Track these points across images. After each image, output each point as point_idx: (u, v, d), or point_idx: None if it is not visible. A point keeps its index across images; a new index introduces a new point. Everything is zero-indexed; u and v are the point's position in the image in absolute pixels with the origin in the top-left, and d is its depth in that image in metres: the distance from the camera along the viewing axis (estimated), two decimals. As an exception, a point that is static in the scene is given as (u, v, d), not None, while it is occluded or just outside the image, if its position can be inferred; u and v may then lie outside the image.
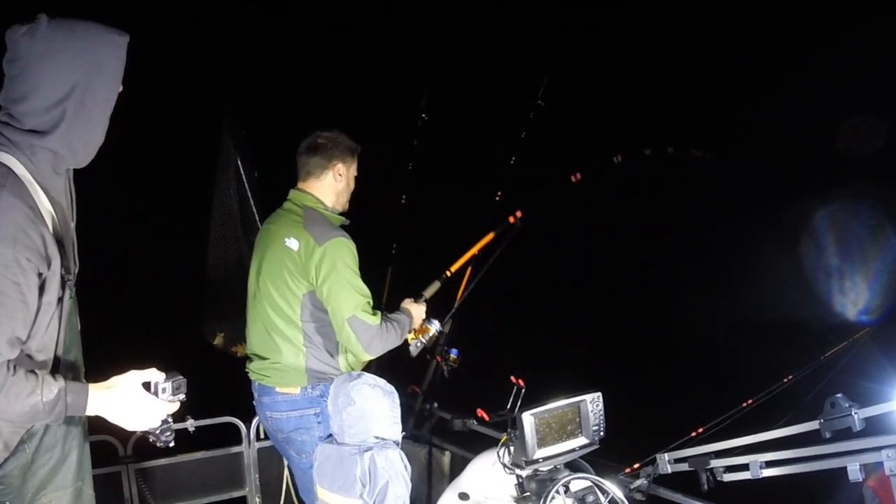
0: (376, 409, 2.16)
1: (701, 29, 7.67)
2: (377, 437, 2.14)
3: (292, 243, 2.52)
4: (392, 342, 2.56)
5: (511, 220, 3.15)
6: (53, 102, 1.56)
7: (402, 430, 2.25)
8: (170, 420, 1.70)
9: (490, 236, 3.11)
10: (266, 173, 3.90)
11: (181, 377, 1.69)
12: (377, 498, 2.05)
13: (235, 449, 3.41)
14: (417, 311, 2.74)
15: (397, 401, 2.24)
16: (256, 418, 3.32)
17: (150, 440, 1.72)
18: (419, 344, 2.78)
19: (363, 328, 2.44)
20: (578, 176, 3.21)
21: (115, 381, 1.64)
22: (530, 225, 3.04)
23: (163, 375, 1.66)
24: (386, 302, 3.51)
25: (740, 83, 7.88)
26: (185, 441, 3.26)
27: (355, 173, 2.74)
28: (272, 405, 2.62)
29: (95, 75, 1.59)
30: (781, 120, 7.37)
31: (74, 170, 1.75)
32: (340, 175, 2.66)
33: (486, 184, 3.85)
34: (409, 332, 2.69)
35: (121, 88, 1.66)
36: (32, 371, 1.53)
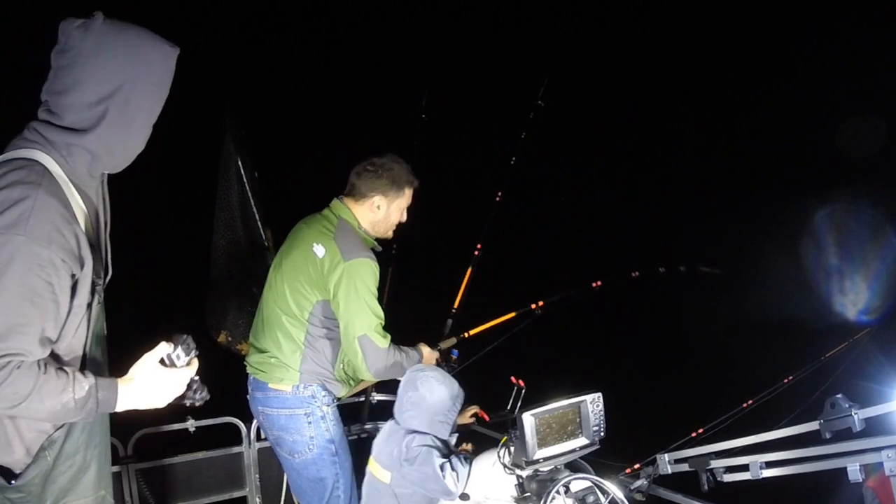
0: (433, 402, 2.31)
1: (701, 29, 7.67)
2: (423, 430, 2.29)
3: (319, 250, 2.53)
4: (396, 371, 2.55)
5: (533, 307, 3.45)
6: (96, 99, 1.54)
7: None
8: (196, 378, 1.70)
9: (511, 314, 3.42)
10: (266, 173, 3.90)
11: (185, 335, 1.69)
12: (407, 477, 2.24)
13: (236, 449, 3.41)
14: (430, 356, 2.77)
15: (458, 406, 2.39)
16: (256, 418, 3.33)
17: (188, 405, 1.72)
18: None
19: (372, 348, 2.47)
20: (598, 283, 3.62)
21: (134, 370, 1.63)
22: (549, 315, 3.45)
23: (171, 345, 1.65)
24: (385, 303, 3.52)
25: (741, 83, 7.89)
26: (186, 441, 3.27)
27: (405, 205, 2.71)
28: (264, 400, 2.63)
29: (142, 80, 1.57)
30: (781, 120, 7.37)
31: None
32: (378, 207, 2.64)
33: (487, 184, 3.86)
34: None
35: (165, 99, 1.63)
36: (62, 369, 1.52)
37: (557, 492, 1.95)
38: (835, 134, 6.86)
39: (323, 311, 2.55)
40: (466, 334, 3.27)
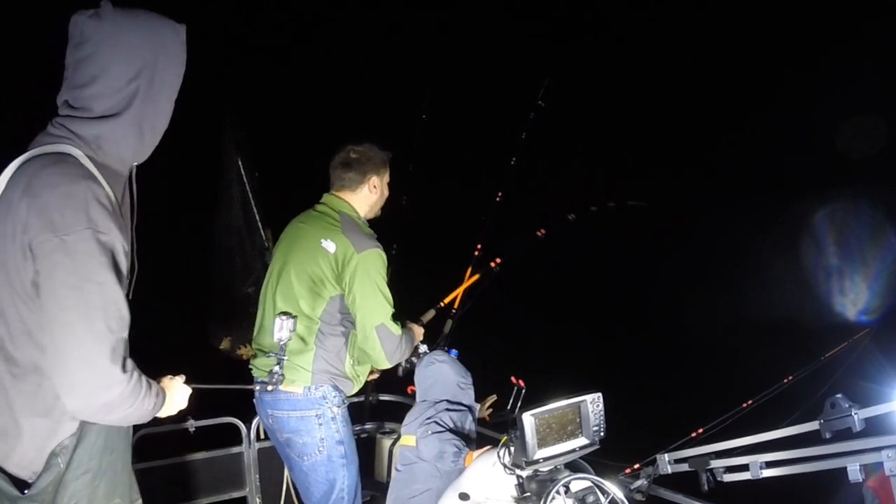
0: (445, 372, 2.83)
1: (702, 30, 7.67)
2: (453, 398, 2.77)
3: (329, 245, 2.54)
4: (405, 354, 2.68)
5: (492, 265, 3.62)
6: (126, 80, 1.55)
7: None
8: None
9: (476, 277, 3.62)
10: (267, 173, 3.90)
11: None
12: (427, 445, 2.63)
13: (236, 449, 3.41)
14: (418, 331, 2.89)
15: (470, 380, 2.88)
16: (256, 419, 3.32)
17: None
18: (407, 365, 2.94)
19: (389, 337, 2.53)
20: (543, 231, 3.77)
21: (166, 380, 1.72)
22: (507, 269, 3.63)
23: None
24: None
25: (740, 83, 7.89)
26: (186, 441, 3.26)
27: (388, 180, 2.81)
28: (274, 403, 2.61)
29: (161, 55, 1.58)
30: (781, 120, 7.37)
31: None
32: (375, 187, 2.72)
33: (487, 184, 3.86)
34: None
35: (182, 76, 1.66)
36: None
37: (557, 492, 1.95)
38: (835, 134, 6.86)
39: (339, 307, 2.55)
40: (442, 303, 3.46)
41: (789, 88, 7.30)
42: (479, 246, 3.64)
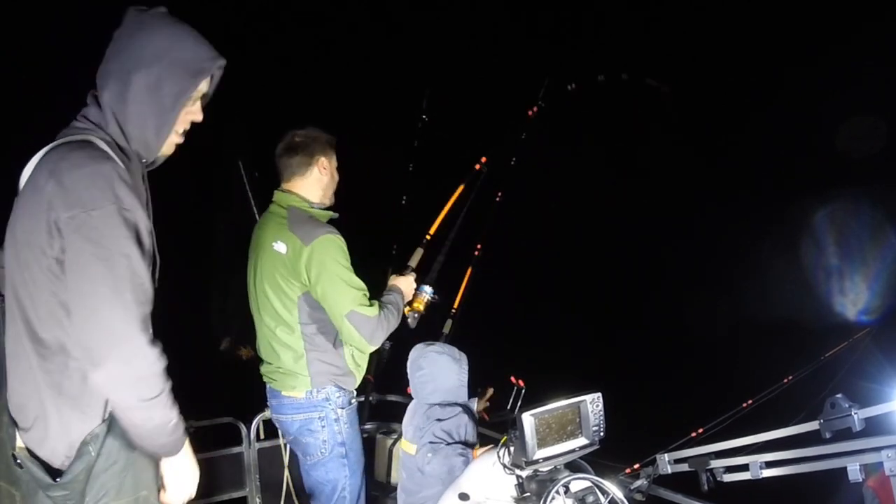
0: (443, 374, 2.61)
1: (702, 30, 7.67)
2: (444, 401, 2.59)
3: (280, 247, 2.49)
4: (392, 326, 2.54)
5: (477, 167, 3.21)
6: (130, 67, 1.57)
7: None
8: None
9: (461, 188, 3.17)
10: (267, 174, 3.90)
11: None
12: (433, 454, 2.51)
13: (236, 449, 3.41)
14: (407, 283, 2.72)
15: (465, 366, 2.66)
16: (257, 419, 3.33)
17: None
18: (416, 315, 2.78)
19: (363, 321, 2.42)
20: (535, 109, 3.22)
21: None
22: (496, 169, 3.13)
23: None
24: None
25: (740, 83, 7.88)
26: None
27: (336, 164, 2.69)
28: (278, 408, 2.63)
29: (176, 65, 1.60)
30: (781, 120, 7.37)
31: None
32: (325, 168, 2.62)
33: (487, 184, 3.85)
34: (405, 306, 2.68)
35: (198, 97, 1.69)
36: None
37: (557, 492, 1.95)
38: (835, 134, 6.86)
39: (308, 304, 2.50)
40: (428, 236, 3.11)
41: (790, 88, 7.30)
42: (478, 246, 3.64)
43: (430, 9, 7.18)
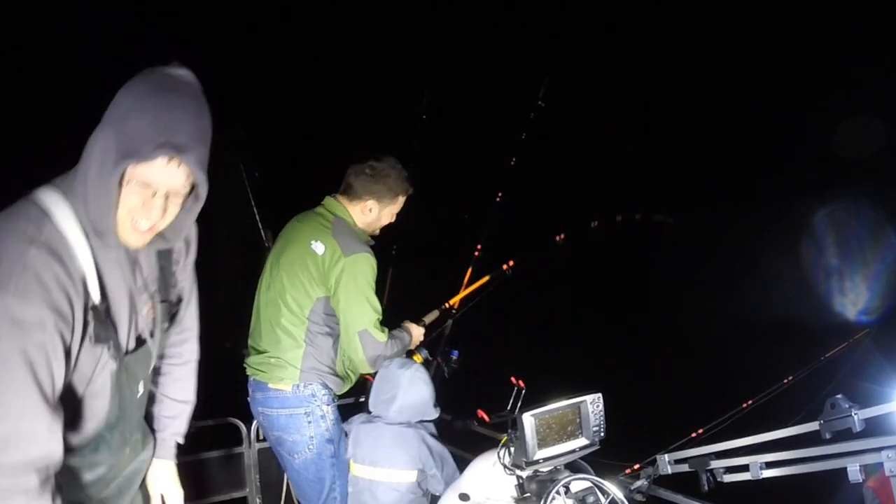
0: (422, 394, 2.59)
1: (702, 29, 7.67)
2: (421, 420, 2.59)
3: (318, 247, 2.55)
4: (391, 356, 2.66)
5: (504, 267, 3.49)
6: (100, 124, 1.37)
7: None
8: None
9: (485, 279, 3.48)
10: (266, 173, 3.90)
11: None
12: (439, 470, 2.56)
13: (236, 449, 3.41)
14: (417, 333, 2.85)
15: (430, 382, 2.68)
16: (257, 419, 3.33)
17: None
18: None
19: (371, 343, 2.52)
20: (562, 236, 3.64)
21: None
22: (520, 274, 3.49)
23: None
24: (385, 303, 3.53)
25: (741, 84, 7.88)
26: (186, 441, 3.26)
27: (396, 210, 2.76)
28: (264, 401, 2.64)
29: (120, 137, 1.33)
30: (781, 120, 7.37)
31: None
32: (370, 210, 2.69)
33: (487, 185, 3.86)
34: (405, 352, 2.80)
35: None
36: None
37: (557, 492, 1.95)
38: (834, 134, 6.85)
39: (324, 308, 2.56)
40: (447, 304, 3.33)
41: (789, 88, 7.30)
42: (478, 246, 3.64)
43: (429, 9, 7.18)
